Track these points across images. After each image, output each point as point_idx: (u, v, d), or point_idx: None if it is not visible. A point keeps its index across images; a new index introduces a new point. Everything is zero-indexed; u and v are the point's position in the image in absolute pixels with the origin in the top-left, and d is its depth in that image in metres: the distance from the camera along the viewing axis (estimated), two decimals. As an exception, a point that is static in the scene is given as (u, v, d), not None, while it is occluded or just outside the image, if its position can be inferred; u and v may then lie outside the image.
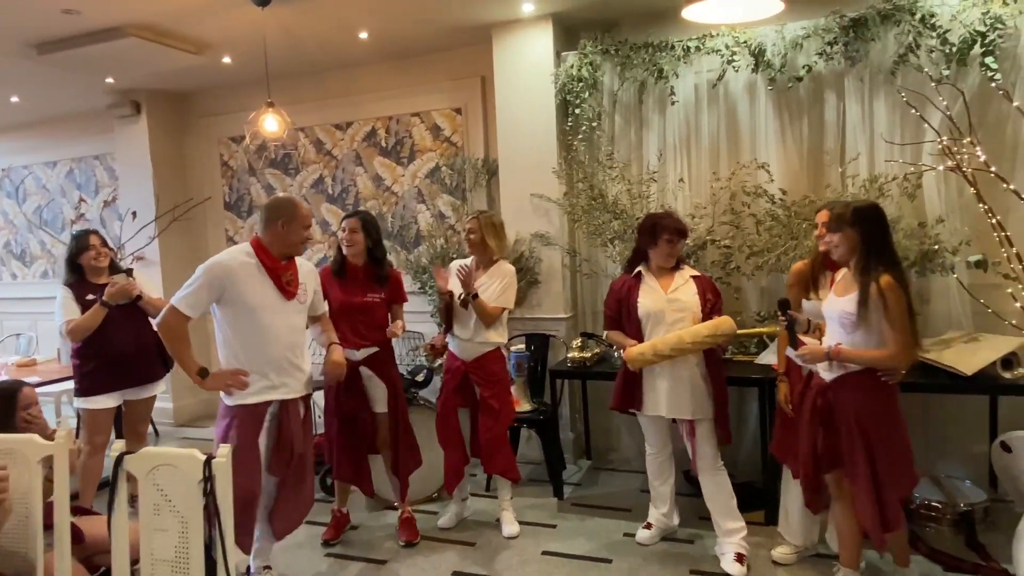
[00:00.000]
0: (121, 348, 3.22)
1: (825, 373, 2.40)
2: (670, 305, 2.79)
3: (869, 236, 2.26)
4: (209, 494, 1.92)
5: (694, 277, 2.87)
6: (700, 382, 2.79)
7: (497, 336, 3.16)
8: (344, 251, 3.07)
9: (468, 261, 3.15)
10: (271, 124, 3.54)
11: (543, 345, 4.03)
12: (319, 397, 3.21)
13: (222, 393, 2.51)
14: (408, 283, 3.65)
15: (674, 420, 2.90)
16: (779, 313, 2.44)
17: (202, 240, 5.58)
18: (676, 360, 2.75)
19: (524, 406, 3.67)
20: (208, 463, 1.93)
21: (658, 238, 2.81)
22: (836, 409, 2.35)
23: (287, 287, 2.54)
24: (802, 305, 2.68)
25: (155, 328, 2.51)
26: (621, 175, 3.71)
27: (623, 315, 2.88)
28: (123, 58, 4.09)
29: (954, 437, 3.40)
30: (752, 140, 3.68)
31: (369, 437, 3.09)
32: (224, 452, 1.94)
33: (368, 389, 3.05)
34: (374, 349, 3.04)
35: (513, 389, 3.64)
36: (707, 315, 2.79)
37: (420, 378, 3.68)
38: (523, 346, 3.76)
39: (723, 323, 2.70)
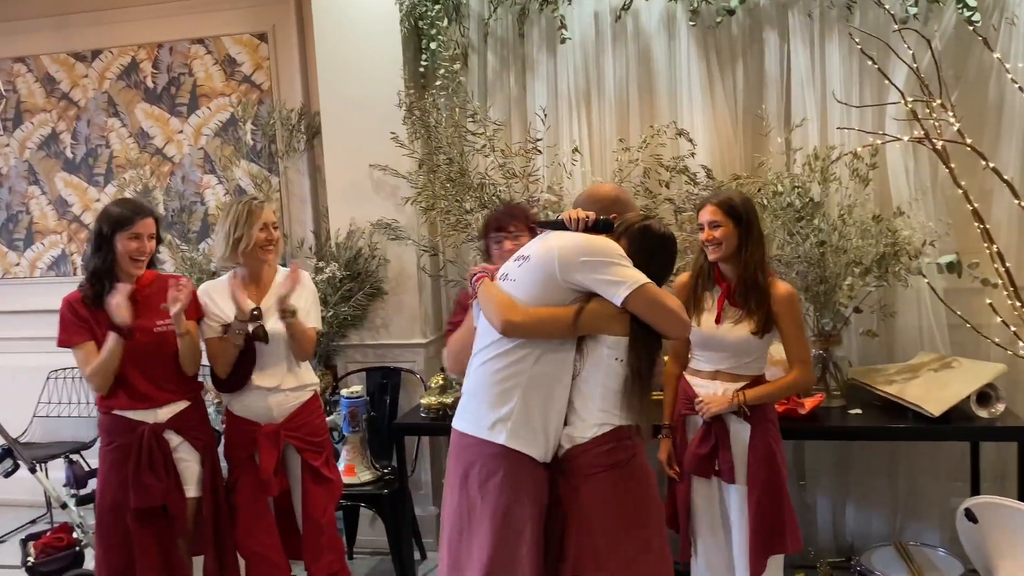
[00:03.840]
0: None
1: None
2: None
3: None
4: None
5: None
6: None
7: (312, 375, 3.19)
8: (127, 263, 2.88)
9: (225, 280, 3.08)
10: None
11: (392, 384, 4.02)
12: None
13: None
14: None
15: None
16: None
17: None
18: None
19: (362, 475, 3.65)
20: None
21: (489, 242, 2.91)
22: None
23: None
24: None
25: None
26: (490, 143, 3.72)
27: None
28: None
29: (927, 493, 3.70)
30: (671, 95, 3.81)
31: (181, 534, 2.99)
32: None
33: (177, 463, 2.98)
34: (183, 404, 2.98)
35: (345, 451, 3.67)
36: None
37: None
38: (360, 387, 3.73)
39: None
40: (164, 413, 2.93)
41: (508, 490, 2.19)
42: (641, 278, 2.16)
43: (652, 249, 2.27)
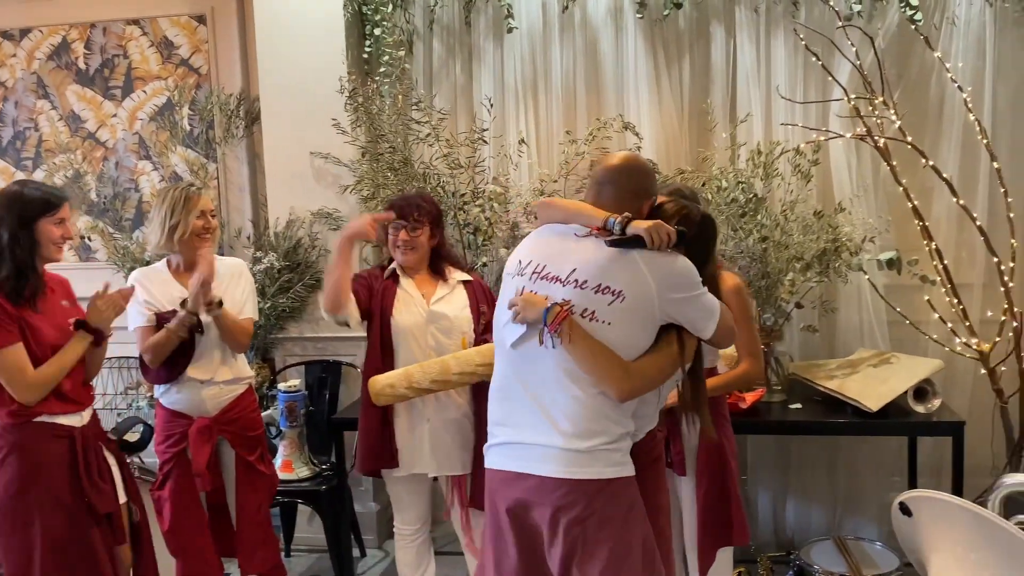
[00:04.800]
0: None
1: None
2: (432, 323, 2.91)
3: None
4: None
5: (465, 283, 3.00)
6: (471, 426, 2.93)
7: (248, 368, 3.18)
8: (52, 251, 2.74)
9: (159, 267, 3.05)
10: None
11: (332, 378, 4.01)
12: None
13: None
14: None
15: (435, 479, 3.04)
16: None
17: None
18: (439, 399, 2.87)
19: (300, 471, 3.64)
20: None
21: (386, 228, 2.93)
22: None
23: None
24: None
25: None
26: (435, 132, 3.73)
27: (371, 321, 2.93)
28: None
29: (865, 487, 3.81)
30: (618, 88, 3.87)
31: (121, 541, 2.88)
32: None
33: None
34: (92, 408, 2.88)
35: (283, 446, 3.65)
36: (479, 336, 2.92)
37: (133, 437, 3.50)
38: (298, 381, 3.72)
39: None
40: (87, 415, 2.80)
41: (643, 514, 2.13)
42: (716, 304, 2.10)
43: (708, 241, 2.21)
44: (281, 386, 3.62)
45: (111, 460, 2.87)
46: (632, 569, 2.06)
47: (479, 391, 2.84)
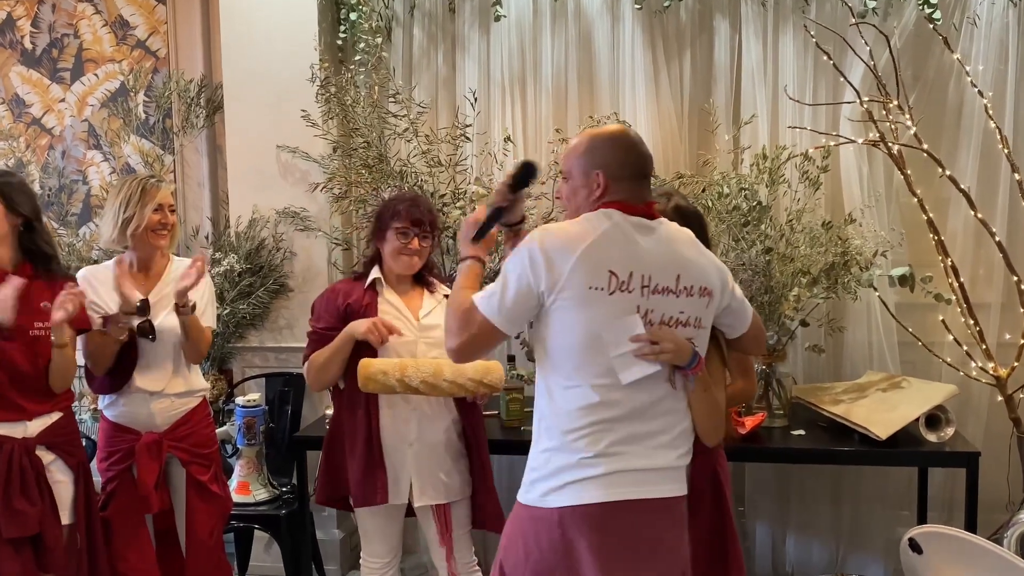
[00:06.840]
0: None
1: None
2: (422, 337, 2.88)
3: None
4: None
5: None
6: (456, 450, 2.92)
7: (202, 380, 3.16)
8: None
9: (110, 266, 2.98)
10: None
11: (295, 392, 3.95)
12: None
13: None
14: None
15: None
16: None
17: None
18: (422, 420, 2.86)
19: (257, 493, 3.58)
20: None
21: (386, 229, 2.86)
22: None
23: None
24: None
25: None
26: (413, 127, 3.69)
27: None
28: None
29: (871, 521, 3.77)
30: (612, 83, 3.85)
31: (54, 568, 2.81)
32: None
33: (52, 486, 2.80)
34: (56, 416, 2.82)
35: (239, 466, 3.62)
36: None
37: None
38: (258, 395, 3.67)
39: (493, 369, 2.84)
40: (35, 426, 2.74)
41: None
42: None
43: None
44: (239, 400, 3.57)
45: (63, 477, 2.81)
46: None
47: (465, 410, 2.91)
